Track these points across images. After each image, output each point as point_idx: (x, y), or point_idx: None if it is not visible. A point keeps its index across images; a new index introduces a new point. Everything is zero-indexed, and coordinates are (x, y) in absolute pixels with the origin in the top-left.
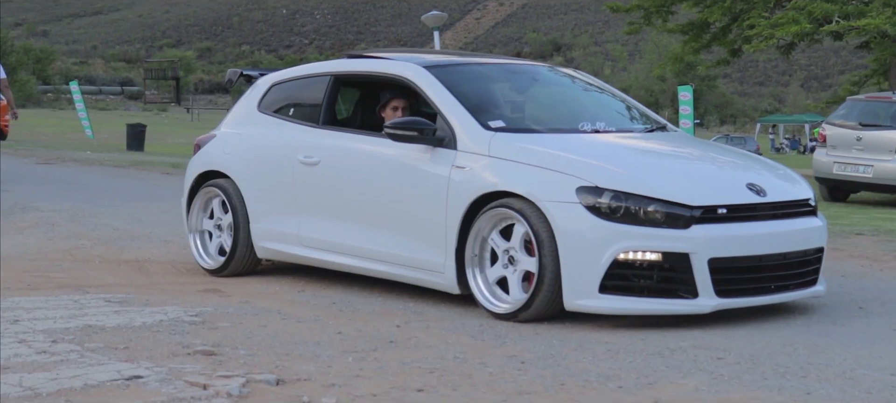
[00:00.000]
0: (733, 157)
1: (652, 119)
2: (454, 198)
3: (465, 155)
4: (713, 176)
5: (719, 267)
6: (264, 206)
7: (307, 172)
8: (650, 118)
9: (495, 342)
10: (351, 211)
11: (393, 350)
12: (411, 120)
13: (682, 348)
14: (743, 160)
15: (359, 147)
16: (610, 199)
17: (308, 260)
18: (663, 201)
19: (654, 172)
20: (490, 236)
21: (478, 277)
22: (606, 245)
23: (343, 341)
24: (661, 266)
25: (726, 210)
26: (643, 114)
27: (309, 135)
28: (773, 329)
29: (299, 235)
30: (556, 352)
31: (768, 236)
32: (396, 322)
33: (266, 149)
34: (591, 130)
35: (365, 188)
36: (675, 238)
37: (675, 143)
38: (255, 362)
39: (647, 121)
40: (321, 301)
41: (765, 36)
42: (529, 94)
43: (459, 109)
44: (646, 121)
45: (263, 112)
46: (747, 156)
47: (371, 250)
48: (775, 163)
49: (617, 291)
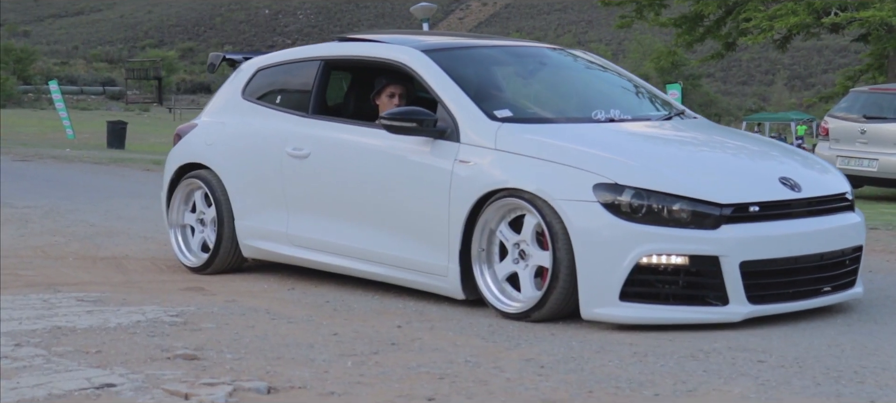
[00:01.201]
0: (762, 147)
1: (669, 104)
2: (457, 196)
3: (469, 148)
4: (743, 169)
5: (752, 270)
6: (250, 202)
7: (296, 165)
8: (667, 103)
9: (508, 344)
10: (344, 209)
11: (396, 354)
12: (409, 110)
13: (717, 350)
14: (773, 150)
15: (352, 138)
16: (631, 197)
17: (298, 261)
18: (690, 199)
19: (679, 166)
20: (498, 229)
21: (486, 274)
22: (627, 248)
23: (340, 343)
24: (687, 270)
25: (759, 208)
26: (659, 99)
27: (298, 124)
28: (812, 329)
29: (288, 233)
30: (578, 355)
31: (804, 235)
32: (397, 322)
33: (251, 140)
34: (606, 119)
35: (359, 183)
36: (703, 239)
37: (697, 132)
38: (242, 367)
39: (664, 106)
40: (313, 299)
41: (763, 28)
42: (537, 79)
43: (462, 97)
44: (663, 106)
45: (248, 99)
46: (776, 146)
47: (367, 251)
48: (806, 153)
49: (639, 298)
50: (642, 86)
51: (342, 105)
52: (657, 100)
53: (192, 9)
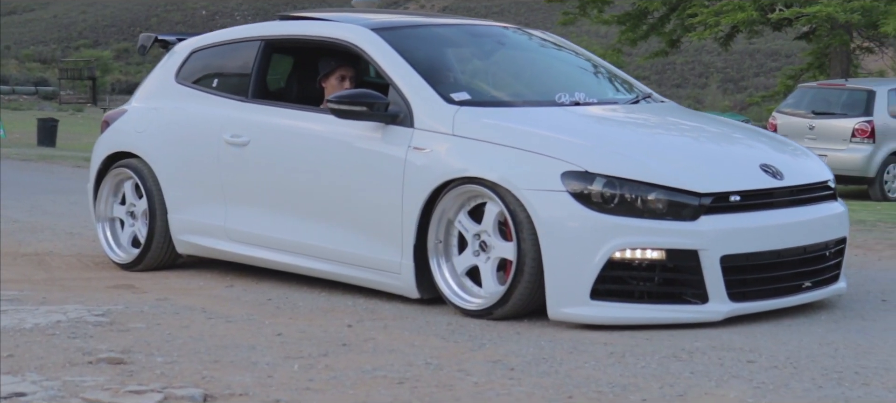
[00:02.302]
0: (740, 132)
1: (636, 87)
2: (412, 186)
3: (424, 134)
4: (722, 156)
5: (733, 265)
6: (184, 194)
7: (235, 154)
8: (634, 86)
9: (471, 344)
10: (287, 201)
11: (347, 356)
12: (358, 92)
13: (701, 350)
14: (751, 135)
15: (296, 124)
16: (602, 186)
17: (237, 257)
18: (666, 188)
19: (653, 153)
20: (457, 218)
21: (443, 268)
22: (599, 242)
23: (284, 344)
24: (664, 265)
25: (740, 197)
26: (624, 82)
27: (236, 110)
28: (798, 326)
29: (226, 228)
30: (549, 356)
31: (787, 227)
32: (347, 321)
33: (186, 127)
34: (571, 102)
35: (303, 173)
36: (681, 232)
37: (669, 116)
38: (175, 372)
39: (631, 89)
40: (254, 297)
41: (709, 24)
42: (496, 61)
43: (416, 79)
44: (629, 89)
45: (182, 83)
46: (754, 131)
47: (312, 246)
48: (785, 139)
49: (612, 297)
50: (605, 68)
51: (285, 90)
52: (622, 83)
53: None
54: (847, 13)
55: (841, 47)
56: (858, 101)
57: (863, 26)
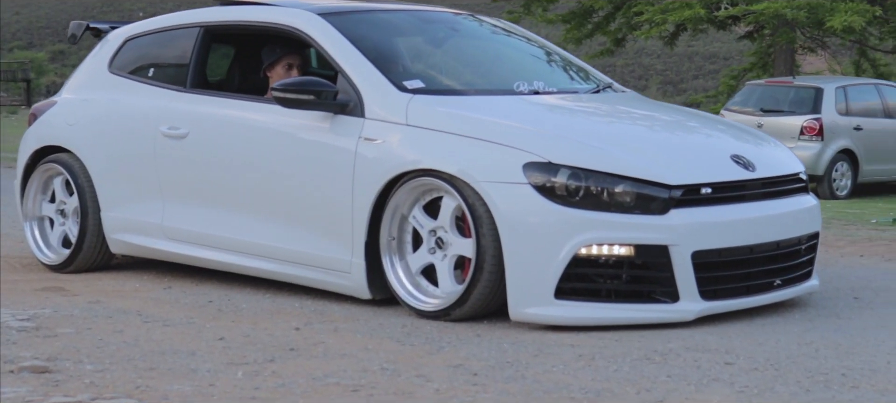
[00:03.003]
0: (708, 123)
1: (595, 77)
2: (363, 180)
3: (375, 124)
4: (691, 146)
5: (704, 261)
6: (119, 190)
7: (172, 147)
8: (593, 76)
9: (429, 347)
10: (229, 197)
11: (296, 361)
12: (305, 80)
13: (674, 351)
14: (720, 126)
15: (238, 115)
16: (567, 178)
17: (175, 257)
18: (635, 180)
19: (619, 143)
20: (411, 214)
21: (397, 266)
22: (564, 237)
23: (227, 350)
24: (632, 262)
25: (711, 190)
26: (584, 71)
27: (174, 100)
28: (772, 325)
29: (163, 226)
30: (514, 360)
31: (760, 221)
32: (294, 324)
33: (120, 119)
34: (530, 91)
35: (246, 167)
36: (650, 226)
37: (633, 106)
38: (106, 381)
39: (590, 79)
40: (194, 299)
41: (656, 22)
42: (450, 48)
43: (367, 66)
44: (589, 79)
45: (116, 73)
46: (723, 122)
47: (257, 244)
48: (753, 129)
49: (577, 296)
50: (563, 56)
51: (226, 81)
52: (581, 72)
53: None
54: (794, 10)
55: (786, 46)
56: (806, 99)
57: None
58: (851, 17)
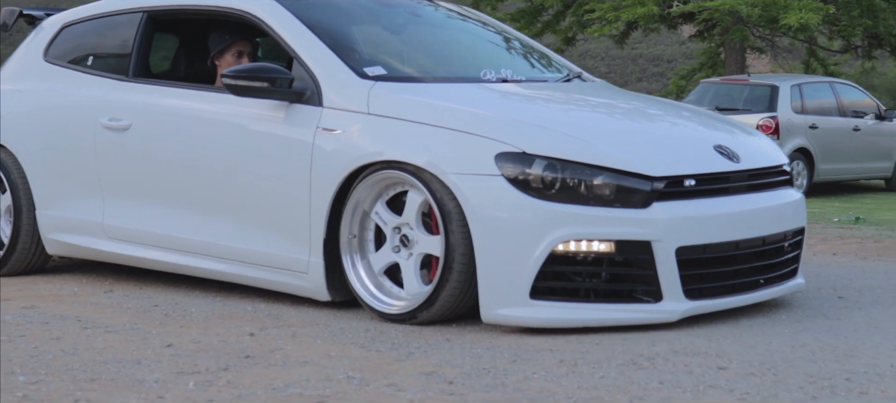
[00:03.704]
0: (686, 112)
1: (563, 65)
2: (321, 173)
3: (334, 113)
4: (671, 136)
5: (688, 258)
6: (55, 187)
7: (114, 140)
8: (562, 65)
9: (397, 353)
10: (176, 192)
11: (253, 370)
12: (259, 66)
13: (661, 355)
14: (699, 116)
15: (185, 105)
16: (542, 169)
17: (117, 258)
18: (615, 171)
19: (597, 132)
20: (374, 209)
21: (358, 266)
22: (540, 233)
23: (176, 358)
24: (612, 259)
25: (695, 182)
26: (552, 60)
27: (115, 90)
28: (759, 326)
29: (104, 224)
30: (490, 366)
31: (745, 215)
32: (248, 329)
33: (56, 111)
34: (497, 79)
35: (194, 161)
36: (631, 221)
37: (607, 95)
38: (42, 394)
39: (559, 68)
40: (138, 303)
41: (608, 19)
42: (410, 35)
43: (324, 51)
44: (558, 68)
45: (52, 62)
46: (701, 111)
47: (206, 243)
48: (734, 120)
49: (554, 296)
50: (528, 44)
51: (171, 71)
52: (548, 60)
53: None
54: (749, 7)
55: (739, 43)
56: (762, 97)
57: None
58: (806, 15)
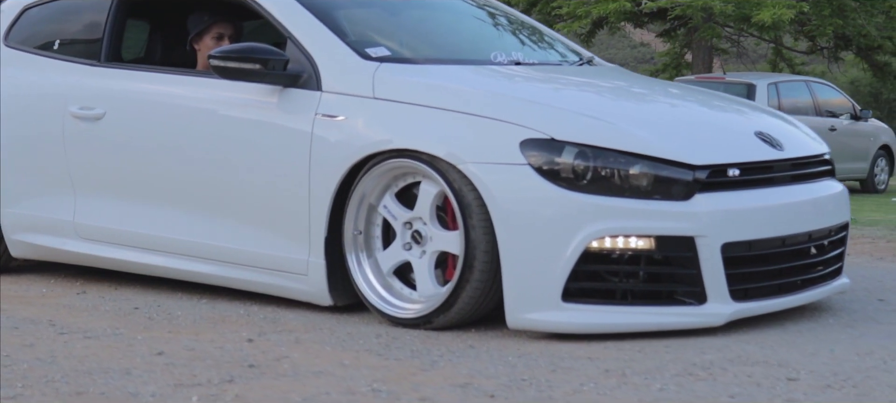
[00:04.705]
0: (718, 97)
1: (575, 49)
2: (322, 164)
3: (335, 98)
4: (711, 122)
5: (734, 255)
6: (20, 183)
7: (85, 130)
8: (572, 48)
9: (419, 362)
10: (156, 188)
11: (261, 381)
12: (250, 46)
13: (716, 364)
14: (732, 100)
15: (165, 90)
16: (573, 157)
17: (91, 260)
18: (653, 159)
19: (630, 118)
20: (381, 203)
21: (364, 266)
22: (572, 228)
23: (170, 367)
24: (650, 257)
25: (739, 171)
26: (563, 44)
27: (86, 76)
28: (808, 330)
29: (76, 223)
30: (530, 377)
31: (790, 208)
32: (245, 334)
33: (19, 100)
34: (510, 62)
35: (176, 152)
36: (673, 214)
37: (628, 80)
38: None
39: (570, 52)
40: (116, 306)
41: (578, 15)
42: (410, 16)
43: (322, 31)
44: (569, 52)
45: (13, 47)
46: (730, 97)
47: (192, 244)
48: (767, 107)
49: (586, 297)
50: (536, 27)
51: (146, 57)
52: (558, 43)
53: None
54: (722, 2)
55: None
56: (738, 95)
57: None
58: (780, 11)
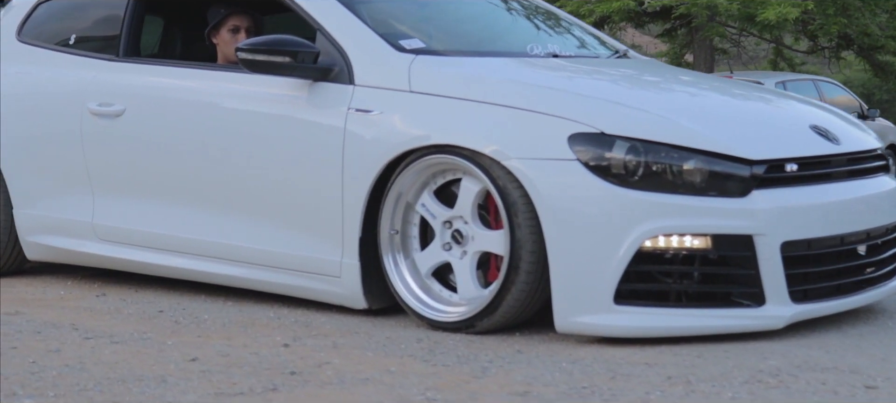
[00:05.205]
0: (767, 91)
1: (609, 42)
2: (355, 160)
3: (369, 92)
4: (764, 114)
5: (793, 255)
6: (36, 183)
7: (105, 128)
8: (606, 41)
9: (470, 368)
10: (179, 187)
11: (306, 389)
12: (279, 38)
13: (783, 370)
14: (779, 93)
15: (188, 85)
16: (625, 152)
17: (113, 263)
18: (708, 154)
19: (681, 111)
20: (419, 201)
21: (402, 267)
22: (625, 226)
23: (207, 374)
24: (705, 257)
25: (797, 166)
26: (595, 36)
27: (104, 71)
28: (870, 333)
29: (94, 224)
30: (590, 384)
31: (848, 204)
32: (279, 338)
33: (34, 97)
34: (546, 54)
35: (201, 150)
36: (730, 212)
37: (671, 73)
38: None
39: (605, 44)
40: (139, 308)
41: (582, 14)
42: (440, 8)
43: (353, 22)
44: (604, 44)
45: (27, 42)
46: (778, 91)
47: (217, 245)
48: (816, 100)
49: (638, 300)
50: (566, 18)
51: (163, 52)
52: (591, 36)
53: None
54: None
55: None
56: None
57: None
58: (786, 9)
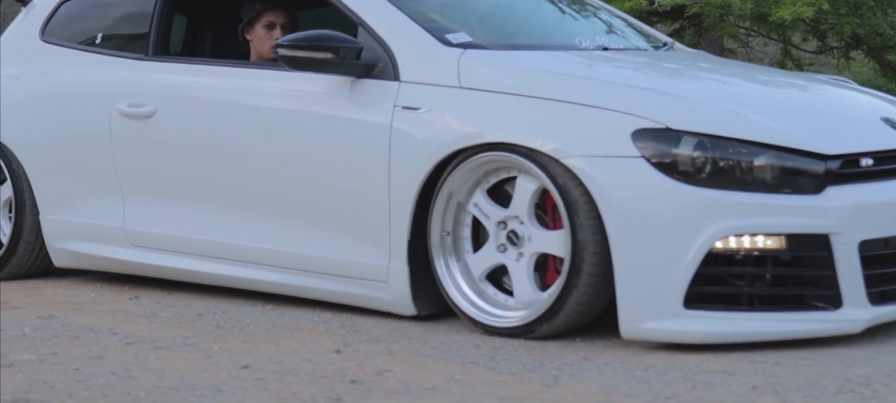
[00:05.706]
0: (831, 82)
1: (652, 34)
2: (404, 161)
3: (416, 88)
4: (833, 106)
5: (871, 254)
6: (63, 187)
7: (135, 129)
8: (649, 33)
9: (538, 376)
10: (215, 190)
11: (371, 398)
12: (320, 33)
13: (873, 379)
14: (841, 85)
15: (222, 84)
16: (692, 148)
17: (145, 269)
18: (780, 149)
19: (748, 103)
20: (471, 201)
21: (454, 270)
22: (695, 226)
23: (262, 383)
24: (778, 258)
25: (872, 161)
26: (637, 29)
27: (134, 70)
28: None
29: (126, 229)
30: (672, 394)
31: None
32: (329, 344)
33: (61, 98)
34: (596, 47)
35: (237, 151)
36: (804, 210)
37: (724, 64)
38: None
39: (649, 36)
40: (177, 312)
41: None
42: (482, 1)
43: (397, 15)
44: (649, 36)
45: (51, 42)
46: (838, 79)
47: (257, 250)
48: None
49: (709, 304)
50: (608, 8)
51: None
52: (633, 28)
53: None
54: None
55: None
56: None
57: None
58: (801, 8)
